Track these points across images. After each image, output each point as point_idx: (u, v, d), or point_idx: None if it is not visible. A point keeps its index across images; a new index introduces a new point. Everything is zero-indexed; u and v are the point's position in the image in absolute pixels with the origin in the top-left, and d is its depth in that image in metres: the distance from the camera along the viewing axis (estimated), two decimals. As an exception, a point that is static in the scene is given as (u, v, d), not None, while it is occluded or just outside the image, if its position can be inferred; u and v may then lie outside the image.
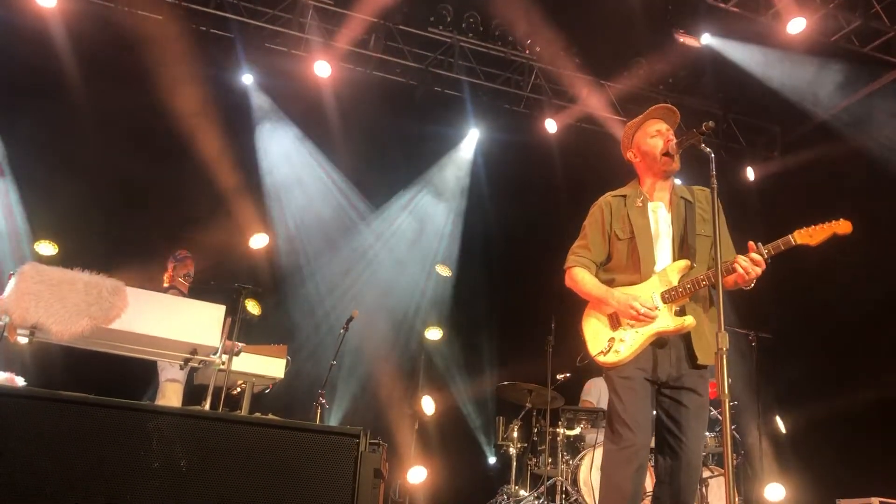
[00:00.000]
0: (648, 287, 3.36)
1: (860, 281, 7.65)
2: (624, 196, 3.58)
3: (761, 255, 3.21)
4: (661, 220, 3.49)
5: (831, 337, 7.77)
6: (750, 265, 3.20)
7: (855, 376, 7.30)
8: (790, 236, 3.24)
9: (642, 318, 3.28)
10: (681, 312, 3.32)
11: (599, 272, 3.57)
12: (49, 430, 2.69)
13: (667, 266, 3.39)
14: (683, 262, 3.37)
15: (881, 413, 7.10)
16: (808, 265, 8.35)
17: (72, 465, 2.66)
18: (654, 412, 3.38)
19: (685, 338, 3.32)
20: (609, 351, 3.35)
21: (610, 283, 3.47)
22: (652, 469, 3.53)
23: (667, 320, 3.30)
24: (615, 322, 3.40)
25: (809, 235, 3.23)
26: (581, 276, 3.51)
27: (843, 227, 3.24)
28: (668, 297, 3.31)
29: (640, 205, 3.50)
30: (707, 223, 3.48)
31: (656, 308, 3.29)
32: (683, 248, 3.42)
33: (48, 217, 7.38)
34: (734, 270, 3.22)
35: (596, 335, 3.45)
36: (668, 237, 3.45)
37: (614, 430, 3.27)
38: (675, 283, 3.33)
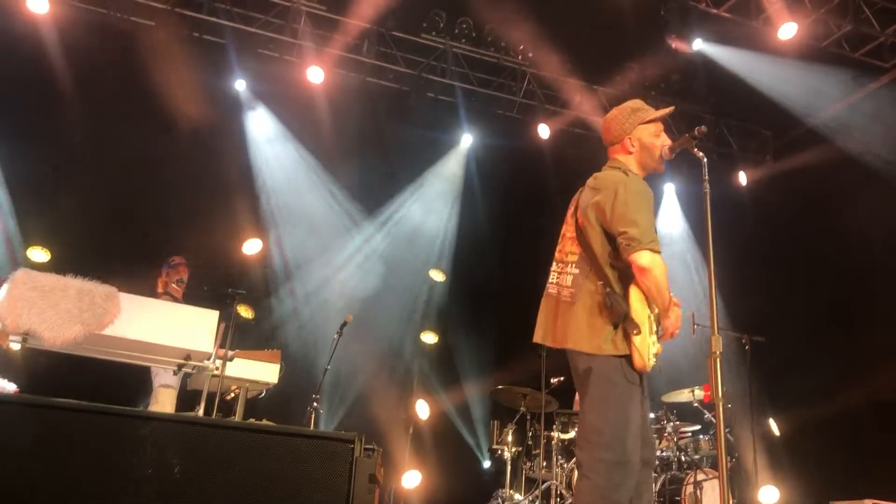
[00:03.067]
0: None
1: (851, 283, 7.69)
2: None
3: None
4: None
5: (824, 339, 7.79)
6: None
7: (848, 378, 7.32)
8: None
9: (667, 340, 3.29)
10: None
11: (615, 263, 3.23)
12: (42, 436, 2.68)
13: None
14: None
15: (874, 415, 7.14)
16: (801, 267, 8.41)
17: (65, 472, 2.65)
18: None
19: None
20: (651, 357, 3.15)
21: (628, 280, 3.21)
22: None
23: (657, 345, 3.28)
24: (652, 327, 3.18)
25: None
26: (663, 272, 3.15)
27: None
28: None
29: None
30: None
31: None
32: None
33: (40, 223, 7.35)
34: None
35: (646, 339, 3.13)
36: None
37: (623, 443, 3.03)
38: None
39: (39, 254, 7.17)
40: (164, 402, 5.76)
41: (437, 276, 8.64)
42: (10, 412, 2.72)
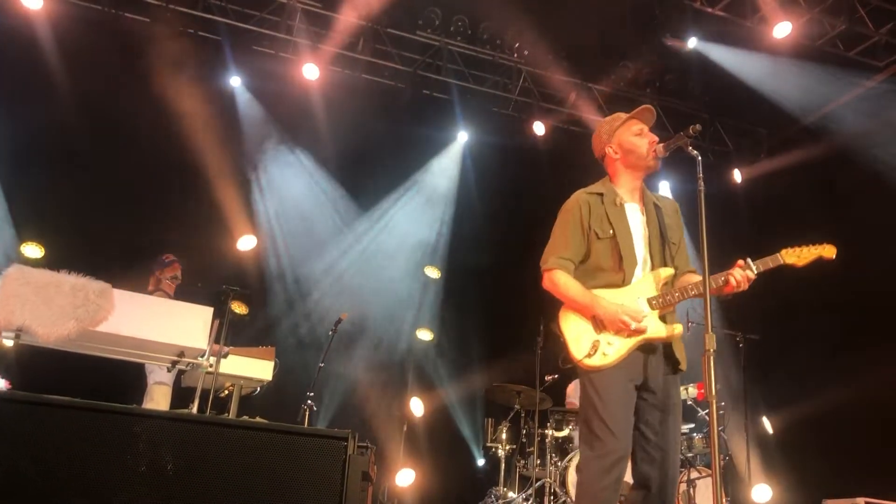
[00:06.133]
0: (633, 292, 3.30)
1: (846, 281, 7.70)
2: (600, 194, 3.50)
3: (751, 270, 3.25)
4: (637, 222, 3.46)
5: (817, 337, 7.82)
6: (743, 280, 3.24)
7: (842, 377, 7.34)
8: (779, 255, 3.33)
9: (632, 333, 3.21)
10: (664, 319, 3.29)
11: (577, 272, 3.44)
12: (34, 433, 2.68)
13: (651, 272, 3.36)
14: (669, 271, 3.35)
15: (867, 413, 7.15)
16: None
17: (57, 470, 2.65)
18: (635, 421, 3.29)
19: (666, 344, 3.29)
20: (595, 353, 3.23)
21: (589, 282, 3.38)
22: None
23: (658, 327, 3.26)
24: (599, 324, 3.28)
25: (797, 256, 3.35)
26: (564, 281, 3.37)
27: (828, 251, 3.38)
28: (657, 304, 3.27)
29: (618, 204, 3.46)
30: (674, 231, 3.50)
31: (645, 317, 3.24)
32: (662, 252, 3.41)
33: (34, 219, 7.33)
34: (727, 283, 3.24)
35: (579, 337, 3.30)
36: (643, 239, 3.42)
37: (596, 434, 3.14)
38: (658, 290, 3.30)
39: (33, 250, 7.15)
40: (158, 399, 5.76)
41: (433, 273, 8.64)
42: (2, 409, 2.71)
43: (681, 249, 3.52)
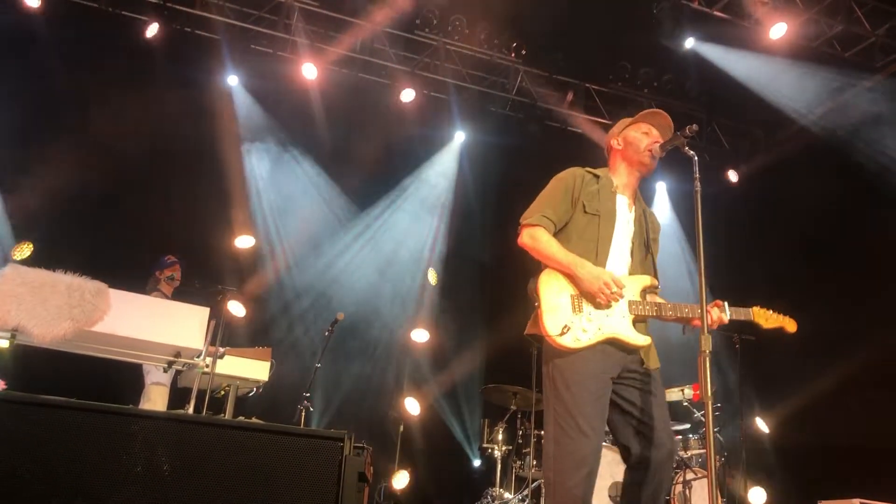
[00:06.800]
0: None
1: (842, 283, 7.71)
2: (597, 176, 3.49)
3: (726, 314, 3.34)
4: (624, 214, 3.45)
5: (813, 338, 7.81)
6: (717, 322, 3.33)
7: (837, 377, 7.35)
8: (751, 311, 3.44)
9: (611, 298, 3.16)
10: (636, 328, 3.26)
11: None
12: (30, 434, 2.67)
13: (632, 275, 3.35)
14: (650, 280, 3.35)
15: (862, 413, 7.17)
16: (792, 266, 8.45)
17: (53, 470, 2.64)
18: (614, 404, 3.23)
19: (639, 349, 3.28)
20: (567, 334, 3.13)
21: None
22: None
23: (629, 331, 3.22)
24: (577, 305, 3.20)
25: (765, 318, 3.46)
26: (547, 239, 3.28)
27: (791, 325, 3.53)
28: (635, 309, 3.25)
29: (612, 191, 3.46)
30: (655, 245, 3.53)
31: (623, 288, 3.21)
32: (644, 256, 3.43)
33: (31, 218, 7.31)
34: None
35: (556, 311, 3.18)
36: (626, 233, 3.42)
37: (565, 431, 3.05)
38: (639, 295, 3.28)
39: (28, 250, 7.13)
40: (155, 399, 5.75)
41: (431, 277, 8.63)
42: (-2, 409, 2.70)
43: (655, 265, 3.52)
